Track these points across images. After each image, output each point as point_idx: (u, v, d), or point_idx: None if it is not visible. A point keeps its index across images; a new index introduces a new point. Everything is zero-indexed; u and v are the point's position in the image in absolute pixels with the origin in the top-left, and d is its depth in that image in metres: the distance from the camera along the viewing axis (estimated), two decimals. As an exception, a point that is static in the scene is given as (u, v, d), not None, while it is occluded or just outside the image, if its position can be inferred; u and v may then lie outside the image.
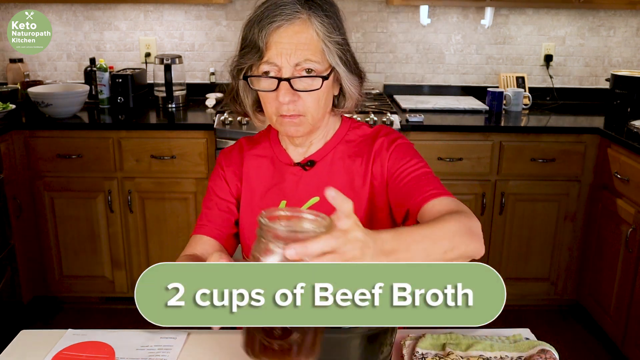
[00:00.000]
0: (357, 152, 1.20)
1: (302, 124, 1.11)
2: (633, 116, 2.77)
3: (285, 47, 1.05)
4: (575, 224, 2.81)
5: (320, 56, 1.08)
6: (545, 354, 1.04)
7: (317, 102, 1.10)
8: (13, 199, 2.58)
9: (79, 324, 2.78)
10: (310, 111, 1.10)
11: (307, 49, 1.06)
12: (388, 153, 1.17)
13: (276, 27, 1.05)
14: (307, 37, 1.06)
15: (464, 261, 0.95)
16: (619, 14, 3.18)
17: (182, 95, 3.04)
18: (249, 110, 1.19)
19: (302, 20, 1.06)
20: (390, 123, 2.62)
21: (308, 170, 1.20)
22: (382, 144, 1.19)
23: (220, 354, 1.10)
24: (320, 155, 1.21)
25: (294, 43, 1.06)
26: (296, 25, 1.06)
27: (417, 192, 1.09)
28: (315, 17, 1.07)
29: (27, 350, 1.11)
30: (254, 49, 1.07)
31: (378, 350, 0.89)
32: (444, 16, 3.19)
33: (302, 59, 1.06)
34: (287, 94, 1.07)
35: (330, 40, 1.08)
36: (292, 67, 1.06)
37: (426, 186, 1.10)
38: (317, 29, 1.07)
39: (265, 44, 1.06)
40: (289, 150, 1.23)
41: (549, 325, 2.84)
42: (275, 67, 1.07)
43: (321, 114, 1.13)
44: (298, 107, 1.09)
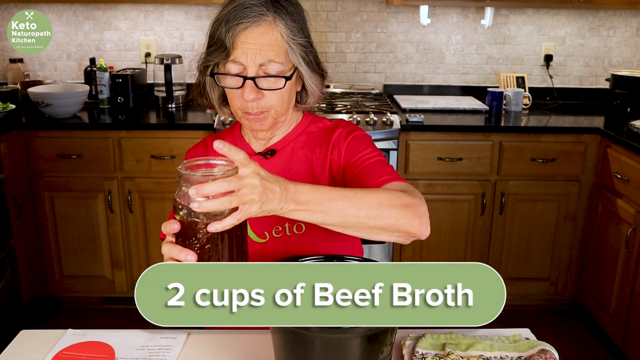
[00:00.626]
0: (316, 142, 1.26)
1: (266, 119, 1.17)
2: (633, 116, 2.77)
3: (251, 47, 1.10)
4: (575, 224, 2.81)
5: (284, 57, 1.13)
6: (545, 354, 1.04)
7: (281, 99, 1.15)
8: (13, 199, 2.58)
9: (79, 324, 2.78)
10: (274, 107, 1.16)
11: (272, 49, 1.11)
12: (345, 142, 1.22)
13: (243, 28, 1.10)
14: (272, 39, 1.11)
15: (397, 235, 1.02)
16: (619, 14, 3.19)
17: (182, 95, 3.04)
18: (215, 104, 1.24)
19: (267, 22, 1.11)
20: (390, 123, 2.62)
21: (269, 158, 1.25)
22: (340, 134, 1.24)
23: (220, 354, 1.10)
24: (281, 145, 1.26)
25: (259, 44, 1.10)
26: (262, 27, 1.10)
27: (371, 177, 1.14)
28: (280, 20, 1.12)
29: (27, 350, 1.11)
30: (220, 48, 1.11)
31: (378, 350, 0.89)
32: (444, 16, 3.19)
33: (266, 59, 1.11)
34: (251, 92, 1.12)
35: (294, 42, 1.13)
36: (257, 66, 1.11)
37: (379, 172, 1.15)
38: (281, 31, 1.12)
39: (232, 44, 1.10)
40: (252, 142, 1.28)
41: (549, 325, 2.84)
42: (241, 66, 1.11)
43: (284, 110, 1.19)
44: (262, 104, 1.14)
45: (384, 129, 2.60)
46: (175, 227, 0.88)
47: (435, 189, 2.73)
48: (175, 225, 0.88)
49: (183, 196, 0.86)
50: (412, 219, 1.00)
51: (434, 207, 2.76)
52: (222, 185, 0.84)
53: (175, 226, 0.88)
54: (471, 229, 2.80)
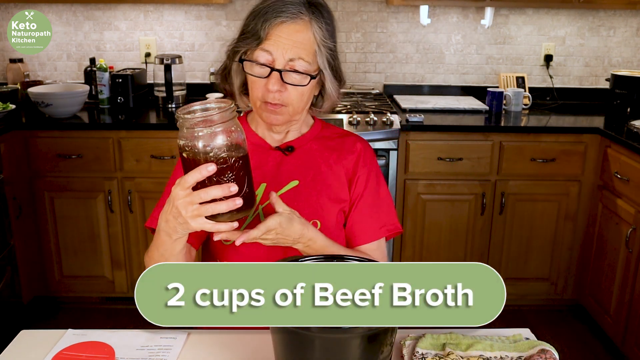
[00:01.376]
0: (332, 146, 1.30)
1: (282, 114, 1.20)
2: (633, 116, 2.77)
3: (284, 41, 1.14)
4: (576, 224, 2.81)
5: (312, 57, 1.17)
6: (545, 354, 1.04)
7: (301, 97, 1.19)
8: (13, 199, 2.58)
9: (79, 324, 2.78)
10: (293, 104, 1.19)
11: (303, 48, 1.15)
12: (366, 169, 1.29)
13: (280, 22, 1.14)
14: (305, 37, 1.15)
15: None
16: (619, 14, 3.18)
17: (182, 95, 3.04)
18: (235, 91, 1.27)
19: (304, 22, 1.15)
20: (390, 123, 2.62)
21: (288, 155, 1.27)
22: (361, 153, 1.30)
23: (220, 354, 1.10)
24: (298, 144, 1.29)
25: (292, 40, 1.14)
26: (298, 25, 1.15)
27: (359, 232, 1.28)
28: (315, 21, 1.16)
29: (27, 350, 1.11)
30: (254, 36, 1.15)
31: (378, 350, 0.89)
32: (444, 16, 3.19)
33: (296, 56, 1.14)
34: (276, 84, 1.15)
35: (324, 45, 1.17)
36: (286, 61, 1.15)
37: (368, 226, 1.27)
38: (315, 32, 1.16)
39: (266, 34, 1.14)
40: (265, 137, 1.30)
41: (549, 325, 2.84)
42: (270, 57, 1.15)
43: (301, 108, 1.22)
44: (283, 97, 1.17)
45: (384, 129, 2.60)
46: (212, 167, 0.91)
47: (435, 189, 2.73)
48: (211, 166, 0.90)
49: (191, 138, 0.90)
50: None
51: (434, 207, 2.77)
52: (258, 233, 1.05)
53: (211, 167, 0.90)
54: (471, 229, 2.80)
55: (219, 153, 0.92)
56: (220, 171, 0.92)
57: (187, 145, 0.92)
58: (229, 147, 0.92)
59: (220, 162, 0.92)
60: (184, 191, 0.94)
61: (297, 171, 1.26)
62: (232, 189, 0.92)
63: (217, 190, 0.92)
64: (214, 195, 0.92)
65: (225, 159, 0.92)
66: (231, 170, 0.92)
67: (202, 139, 0.91)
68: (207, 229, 0.96)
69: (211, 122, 0.91)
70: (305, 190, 1.24)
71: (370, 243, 1.28)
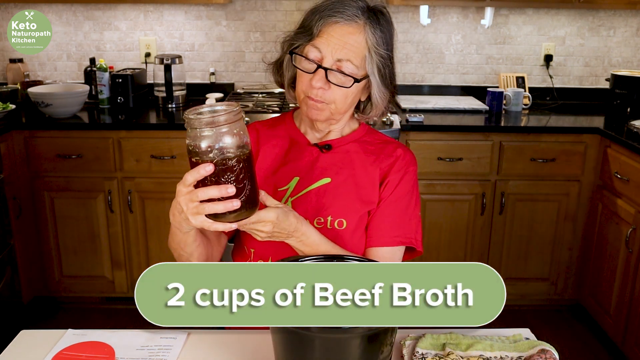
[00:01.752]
0: (372, 150, 1.29)
1: (324, 110, 1.20)
2: (633, 116, 2.77)
3: (334, 41, 1.16)
4: (575, 224, 2.81)
5: (361, 61, 1.17)
6: (545, 354, 1.04)
7: (344, 98, 1.19)
8: (13, 199, 2.58)
9: (79, 324, 2.78)
10: (335, 102, 1.19)
11: (352, 50, 1.16)
12: (400, 174, 1.26)
13: (333, 22, 1.16)
14: (356, 41, 1.16)
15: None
16: (619, 14, 3.18)
17: (182, 95, 3.04)
18: (285, 83, 1.29)
19: (357, 25, 1.16)
20: (390, 123, 2.62)
21: (325, 153, 1.28)
22: (399, 157, 1.27)
23: (220, 354, 1.10)
24: (337, 143, 1.29)
25: (343, 41, 1.16)
26: (351, 27, 1.16)
27: (376, 233, 1.24)
28: (369, 27, 1.17)
29: (27, 350, 1.11)
30: (307, 32, 1.18)
31: (378, 350, 0.89)
32: (444, 16, 3.19)
33: (344, 57, 1.16)
34: (319, 81, 1.16)
35: (375, 51, 1.17)
36: (334, 60, 1.16)
37: (386, 231, 1.24)
38: (368, 37, 1.17)
39: (319, 32, 1.16)
40: (307, 133, 1.31)
41: (549, 325, 2.84)
42: (319, 55, 1.16)
43: (344, 109, 1.22)
44: (326, 95, 1.18)
45: (384, 128, 2.60)
46: (210, 168, 0.92)
47: (435, 189, 2.73)
48: (209, 166, 0.92)
49: (199, 138, 0.93)
50: None
51: (434, 207, 2.77)
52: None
53: (209, 167, 0.92)
54: (471, 229, 2.80)
55: (219, 154, 0.93)
56: (220, 172, 0.93)
57: (190, 145, 0.95)
58: (229, 149, 0.93)
59: (220, 163, 0.93)
60: (185, 188, 0.96)
61: (331, 169, 1.26)
62: (229, 191, 0.93)
63: (214, 190, 0.93)
64: (211, 195, 0.94)
65: (225, 161, 0.93)
66: (231, 171, 0.94)
67: (202, 140, 0.93)
68: (205, 227, 0.97)
69: (213, 124, 0.92)
70: (335, 189, 1.24)
71: (382, 248, 1.24)
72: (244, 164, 0.95)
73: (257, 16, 3.18)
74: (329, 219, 1.23)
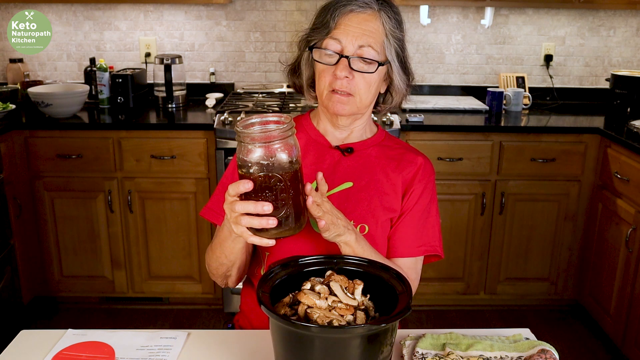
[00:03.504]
0: (392, 156, 1.30)
1: (349, 104, 1.20)
2: (633, 116, 2.77)
3: (352, 29, 1.17)
4: (575, 224, 2.81)
5: (380, 47, 1.19)
6: (545, 354, 1.04)
7: (368, 86, 1.20)
8: (13, 199, 2.58)
9: (79, 324, 2.78)
10: (360, 93, 1.19)
11: (372, 36, 1.17)
12: (422, 184, 1.27)
13: (348, 11, 1.17)
14: (374, 27, 1.18)
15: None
16: (619, 14, 3.18)
17: (182, 95, 3.04)
18: (304, 82, 1.29)
19: (372, 11, 1.18)
20: (390, 123, 2.62)
21: (347, 156, 1.27)
22: (421, 167, 1.28)
23: (220, 354, 1.10)
24: (359, 147, 1.29)
25: (361, 28, 1.17)
26: (366, 14, 1.18)
27: (401, 244, 1.26)
28: (384, 12, 1.19)
29: (27, 350, 1.11)
30: (324, 26, 1.19)
31: (378, 350, 0.89)
32: (444, 16, 3.19)
33: (365, 43, 1.17)
34: (344, 70, 1.17)
35: (392, 35, 1.20)
36: (355, 48, 1.17)
37: (412, 242, 1.26)
38: (384, 21, 1.19)
39: (336, 23, 1.17)
40: (327, 135, 1.30)
41: (549, 325, 2.84)
42: (339, 46, 1.17)
43: (368, 100, 1.23)
44: (351, 85, 1.18)
45: (384, 129, 2.60)
46: (249, 185, 0.92)
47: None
48: (248, 184, 0.92)
49: (247, 152, 0.91)
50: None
51: (434, 207, 2.76)
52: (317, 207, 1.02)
53: (248, 185, 0.92)
54: (471, 229, 2.80)
55: (262, 170, 0.92)
56: (259, 189, 0.93)
57: (237, 156, 0.94)
58: (273, 167, 0.92)
59: (262, 179, 0.92)
60: (230, 197, 0.97)
61: (353, 173, 1.26)
62: (265, 208, 0.93)
63: (250, 205, 0.94)
64: (248, 210, 0.94)
65: (267, 178, 0.92)
66: (270, 190, 0.93)
67: (248, 154, 0.92)
68: (244, 237, 0.98)
69: (259, 140, 0.91)
70: (357, 194, 1.24)
71: (406, 259, 1.27)
72: (289, 182, 0.93)
73: (257, 16, 3.18)
74: (351, 223, 1.22)
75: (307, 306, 0.95)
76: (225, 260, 1.18)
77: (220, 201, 1.22)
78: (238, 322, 1.38)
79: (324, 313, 0.93)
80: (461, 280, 2.87)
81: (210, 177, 2.70)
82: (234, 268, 1.20)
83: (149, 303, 2.87)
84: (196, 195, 2.72)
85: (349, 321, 0.94)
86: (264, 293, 0.94)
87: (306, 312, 0.94)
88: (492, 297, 2.88)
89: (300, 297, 0.95)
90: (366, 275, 1.03)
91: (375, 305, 1.01)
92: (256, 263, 1.29)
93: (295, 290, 1.00)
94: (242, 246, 1.14)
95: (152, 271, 2.82)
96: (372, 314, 0.99)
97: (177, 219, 2.75)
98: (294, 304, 0.98)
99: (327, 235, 1.08)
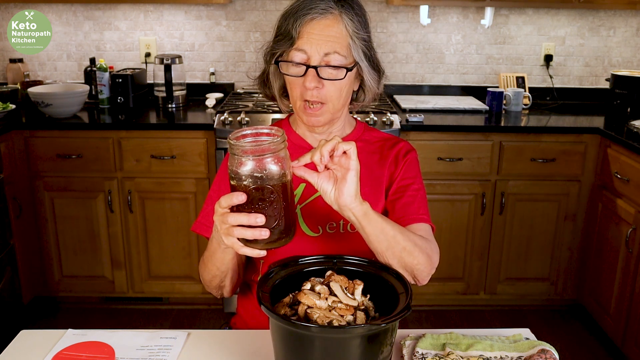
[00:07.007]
0: (373, 150, 1.30)
1: (323, 114, 1.20)
2: (633, 116, 2.77)
3: (316, 37, 1.14)
4: (575, 224, 2.81)
5: (347, 50, 1.16)
6: (545, 354, 1.04)
7: (339, 92, 1.19)
8: (13, 199, 2.58)
9: (79, 324, 2.78)
10: (332, 100, 1.18)
11: (336, 41, 1.15)
12: (403, 160, 1.28)
13: (310, 19, 1.14)
14: (337, 31, 1.15)
15: (405, 270, 1.11)
16: (619, 14, 3.18)
17: (182, 95, 3.04)
18: (276, 93, 1.28)
19: (334, 16, 1.15)
20: (390, 123, 2.62)
21: None
22: (399, 150, 1.29)
23: (220, 354, 1.10)
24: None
25: (324, 35, 1.15)
26: (328, 19, 1.15)
27: (411, 208, 1.24)
28: (346, 14, 1.16)
29: (27, 350, 1.11)
30: (287, 37, 1.16)
31: (378, 350, 0.89)
32: (444, 16, 3.19)
33: (330, 50, 1.14)
34: (312, 81, 1.15)
35: (357, 37, 1.17)
36: (321, 57, 1.15)
37: (418, 207, 1.25)
38: (346, 24, 1.16)
39: (298, 33, 1.15)
40: (306, 136, 1.30)
41: (549, 325, 2.84)
42: (305, 56, 1.15)
43: (341, 104, 1.21)
44: (321, 94, 1.17)
45: (384, 129, 2.60)
46: (242, 197, 0.92)
47: (435, 189, 2.73)
48: (242, 196, 0.92)
49: (239, 164, 0.91)
50: (426, 270, 1.15)
51: (434, 207, 2.75)
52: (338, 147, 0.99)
53: (242, 197, 0.92)
54: (471, 229, 2.80)
55: (254, 183, 0.92)
56: (253, 200, 0.93)
57: (229, 168, 0.94)
58: (266, 180, 0.92)
59: (255, 191, 0.92)
60: (221, 209, 0.96)
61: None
62: (258, 220, 0.92)
63: (243, 217, 0.93)
64: (241, 222, 0.93)
65: (260, 190, 0.92)
66: (263, 202, 0.93)
67: (240, 166, 0.92)
68: (235, 249, 0.98)
69: (252, 152, 0.91)
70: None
71: (420, 224, 1.24)
72: (281, 194, 0.93)
73: (257, 16, 3.18)
74: (341, 222, 1.22)
75: (307, 306, 0.95)
76: (217, 272, 1.18)
77: (211, 214, 1.22)
78: (235, 324, 1.38)
79: (324, 313, 0.93)
80: (461, 280, 2.87)
81: (210, 177, 2.70)
82: (227, 279, 1.20)
83: (149, 303, 2.88)
84: (196, 195, 2.72)
85: (349, 321, 0.94)
86: (264, 293, 0.94)
87: (306, 312, 0.94)
88: (492, 297, 2.88)
89: (300, 297, 0.95)
90: (366, 275, 1.03)
91: (375, 305, 1.01)
92: (252, 270, 1.29)
93: (295, 291, 1.00)
94: (232, 257, 1.14)
95: (152, 271, 2.82)
96: (372, 314, 0.99)
97: (177, 219, 2.75)
98: (294, 304, 0.98)
99: (348, 192, 1.01)
